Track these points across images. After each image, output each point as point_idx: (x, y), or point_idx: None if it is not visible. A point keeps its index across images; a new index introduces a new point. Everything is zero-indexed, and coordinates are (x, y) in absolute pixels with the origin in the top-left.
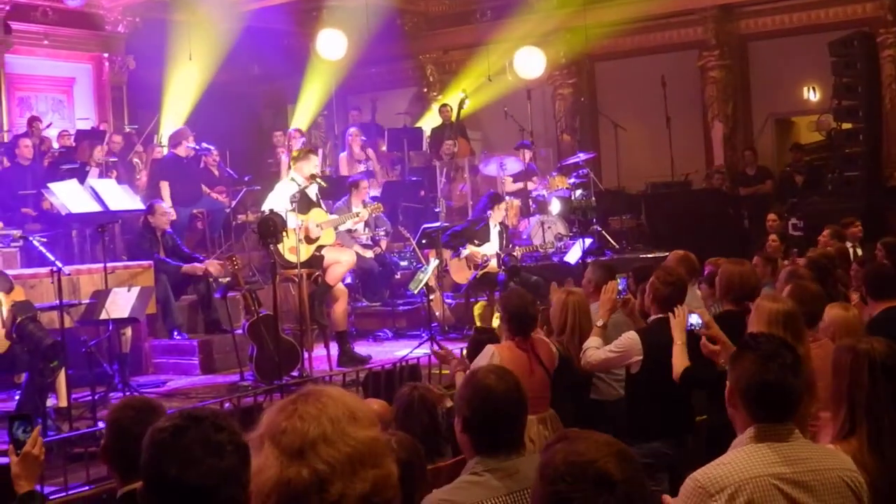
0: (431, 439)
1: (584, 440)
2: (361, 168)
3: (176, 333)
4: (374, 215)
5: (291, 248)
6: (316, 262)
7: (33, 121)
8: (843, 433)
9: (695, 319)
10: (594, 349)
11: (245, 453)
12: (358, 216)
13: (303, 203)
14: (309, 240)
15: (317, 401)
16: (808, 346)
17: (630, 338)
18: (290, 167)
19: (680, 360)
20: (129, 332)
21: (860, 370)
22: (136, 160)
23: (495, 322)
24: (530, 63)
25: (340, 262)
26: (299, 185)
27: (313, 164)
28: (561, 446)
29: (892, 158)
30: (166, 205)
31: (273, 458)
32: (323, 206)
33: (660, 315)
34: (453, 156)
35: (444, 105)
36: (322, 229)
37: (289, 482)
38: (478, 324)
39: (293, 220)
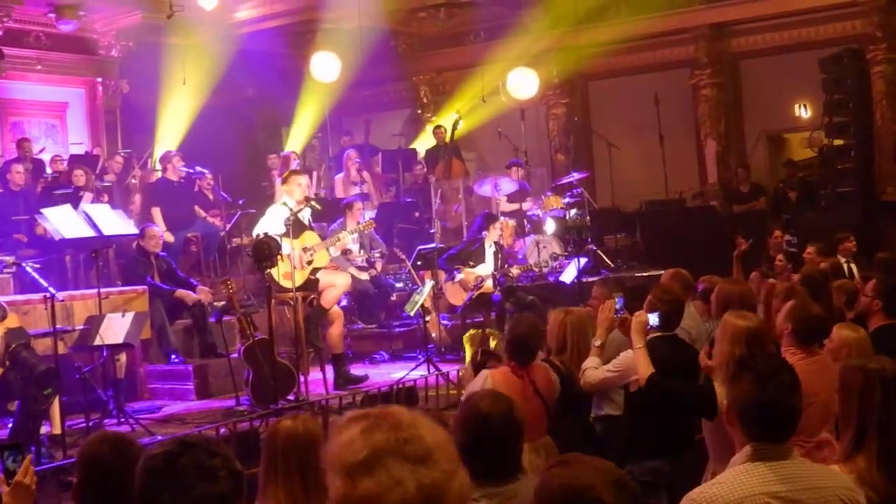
0: None
1: (582, 465)
2: (356, 191)
3: (173, 357)
4: (367, 233)
5: (286, 274)
6: (311, 285)
7: (22, 142)
8: (848, 452)
9: (653, 320)
10: (592, 369)
11: (238, 479)
12: (346, 234)
13: (295, 227)
14: (303, 264)
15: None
16: None
17: (629, 356)
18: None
19: (644, 366)
20: (123, 357)
21: (871, 389)
22: (133, 182)
23: (492, 344)
24: (523, 83)
25: (335, 285)
26: (291, 209)
27: (302, 186)
28: (559, 471)
29: (885, 173)
30: (157, 228)
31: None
32: (314, 228)
33: (658, 334)
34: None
35: (438, 126)
36: (314, 252)
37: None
38: (468, 351)
39: (286, 247)
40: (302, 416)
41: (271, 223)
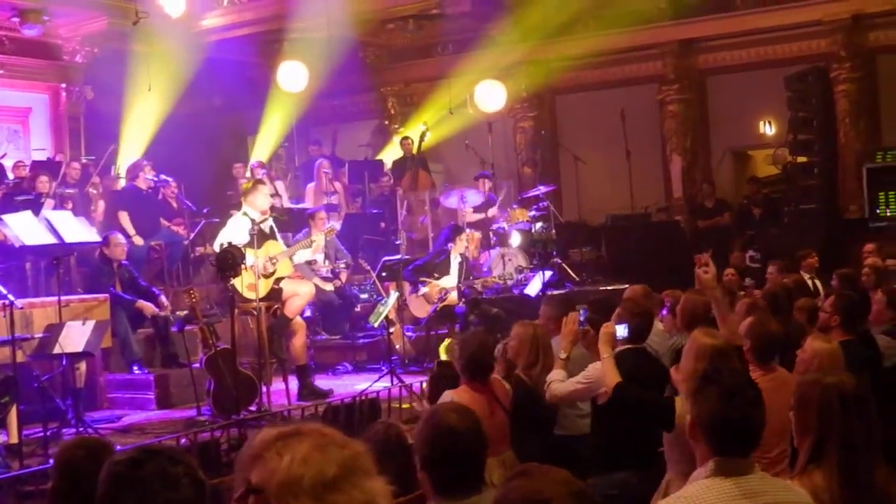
0: (406, 477)
1: (542, 477)
2: (327, 200)
3: (135, 367)
4: (332, 243)
5: (249, 286)
6: (275, 294)
7: None
8: (804, 467)
9: (621, 332)
10: (559, 382)
11: (201, 488)
12: (321, 236)
13: (259, 236)
14: (267, 274)
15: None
16: None
17: (598, 368)
18: None
19: (611, 375)
20: (83, 366)
21: (830, 402)
22: (91, 191)
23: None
24: (491, 96)
25: (299, 295)
26: (252, 220)
27: (264, 196)
28: (519, 482)
29: (848, 191)
30: (121, 236)
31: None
32: (279, 238)
33: (627, 346)
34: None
35: (406, 138)
36: (278, 261)
37: None
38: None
39: (250, 258)
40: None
41: (233, 233)
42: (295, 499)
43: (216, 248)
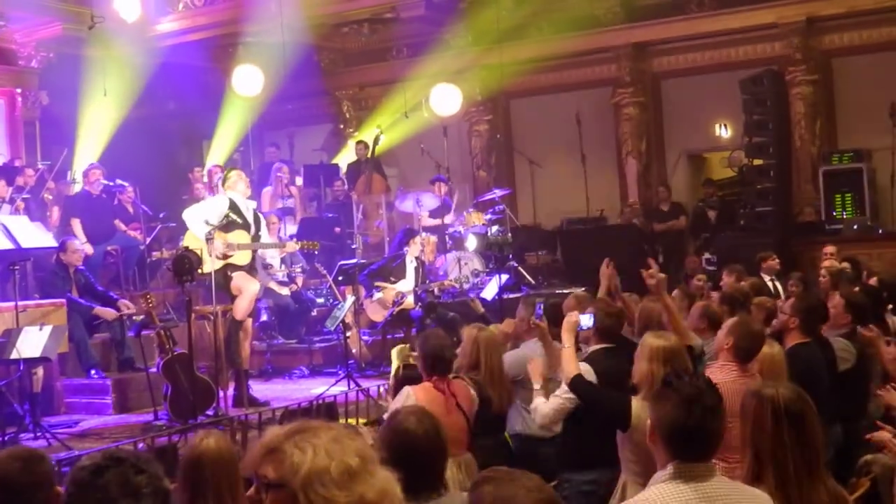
0: None
1: (512, 484)
2: (282, 204)
3: (93, 372)
4: (289, 252)
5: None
6: (224, 281)
7: None
8: (749, 478)
9: (585, 321)
10: (543, 403)
11: (164, 497)
12: (293, 244)
13: (231, 222)
14: (220, 257)
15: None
16: None
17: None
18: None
19: (570, 366)
20: (40, 371)
21: (764, 416)
22: (47, 196)
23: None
24: (446, 100)
25: (243, 294)
26: (236, 205)
27: (244, 179)
28: (489, 489)
29: (803, 194)
30: (78, 242)
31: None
32: (265, 232)
33: (601, 345)
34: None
35: (360, 141)
36: (235, 250)
37: None
38: (395, 363)
39: (219, 240)
40: (215, 433)
41: (208, 210)
42: (325, 489)
43: (185, 217)
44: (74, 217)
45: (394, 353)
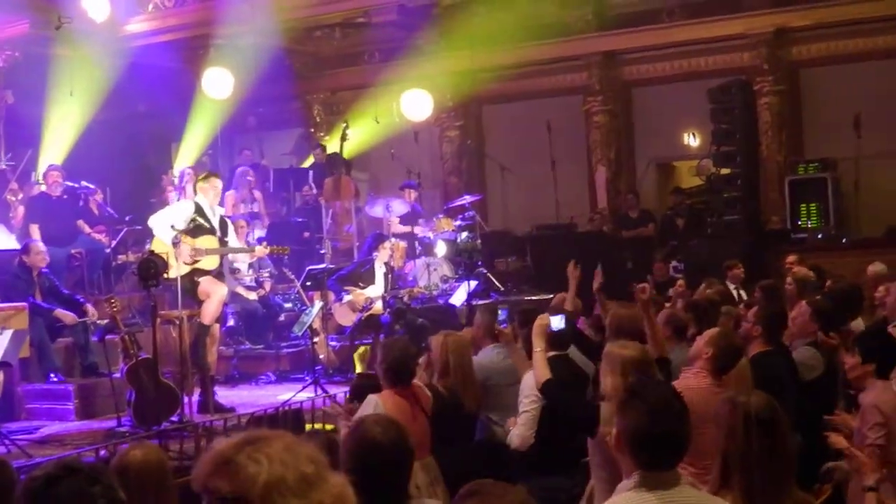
0: None
1: (497, 498)
2: (244, 208)
3: (53, 376)
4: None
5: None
6: (192, 286)
7: None
8: (717, 486)
9: (556, 323)
10: (514, 428)
11: None
12: (262, 249)
13: (198, 228)
14: (193, 260)
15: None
16: None
17: (531, 379)
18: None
19: (541, 370)
20: (0, 376)
21: (735, 423)
22: (10, 198)
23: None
24: (417, 105)
25: (211, 298)
26: (203, 209)
27: (217, 190)
28: (474, 502)
29: (770, 203)
30: (42, 244)
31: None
32: (233, 237)
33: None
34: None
35: (320, 145)
36: (201, 256)
37: None
38: (359, 368)
39: (185, 245)
40: (147, 444)
41: (174, 215)
42: (283, 499)
43: (151, 224)
44: (33, 222)
45: (356, 357)
